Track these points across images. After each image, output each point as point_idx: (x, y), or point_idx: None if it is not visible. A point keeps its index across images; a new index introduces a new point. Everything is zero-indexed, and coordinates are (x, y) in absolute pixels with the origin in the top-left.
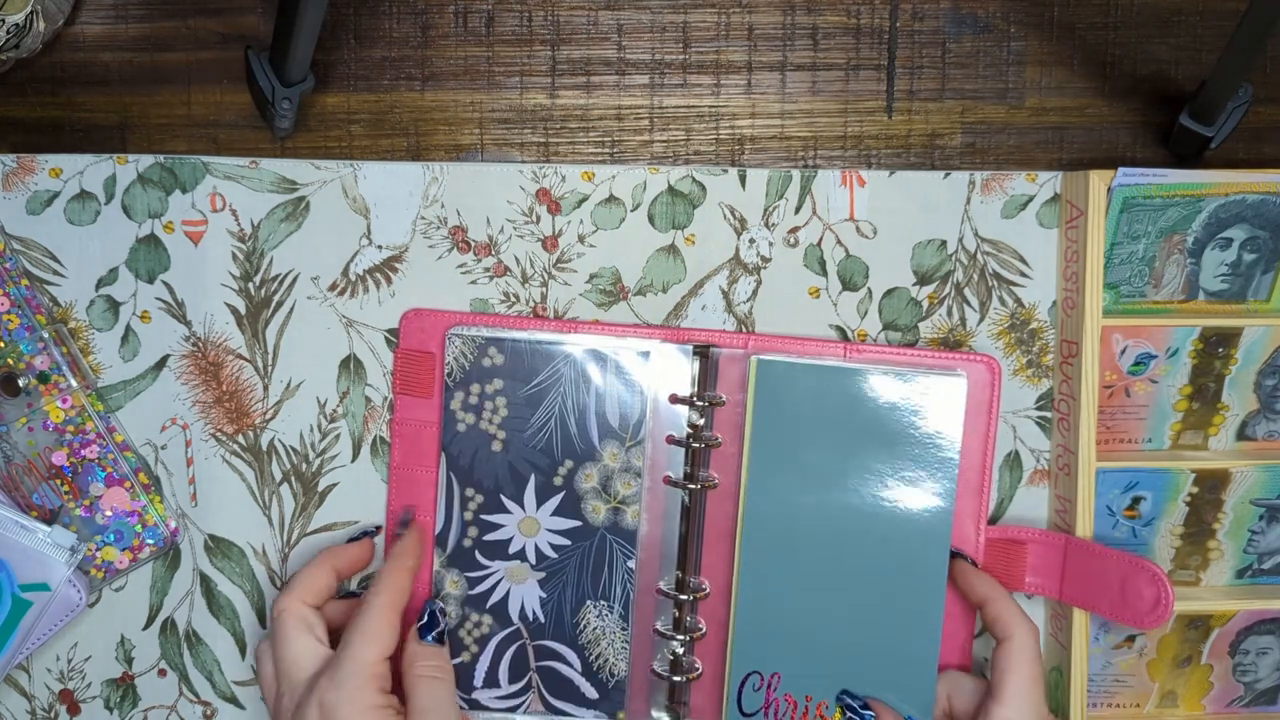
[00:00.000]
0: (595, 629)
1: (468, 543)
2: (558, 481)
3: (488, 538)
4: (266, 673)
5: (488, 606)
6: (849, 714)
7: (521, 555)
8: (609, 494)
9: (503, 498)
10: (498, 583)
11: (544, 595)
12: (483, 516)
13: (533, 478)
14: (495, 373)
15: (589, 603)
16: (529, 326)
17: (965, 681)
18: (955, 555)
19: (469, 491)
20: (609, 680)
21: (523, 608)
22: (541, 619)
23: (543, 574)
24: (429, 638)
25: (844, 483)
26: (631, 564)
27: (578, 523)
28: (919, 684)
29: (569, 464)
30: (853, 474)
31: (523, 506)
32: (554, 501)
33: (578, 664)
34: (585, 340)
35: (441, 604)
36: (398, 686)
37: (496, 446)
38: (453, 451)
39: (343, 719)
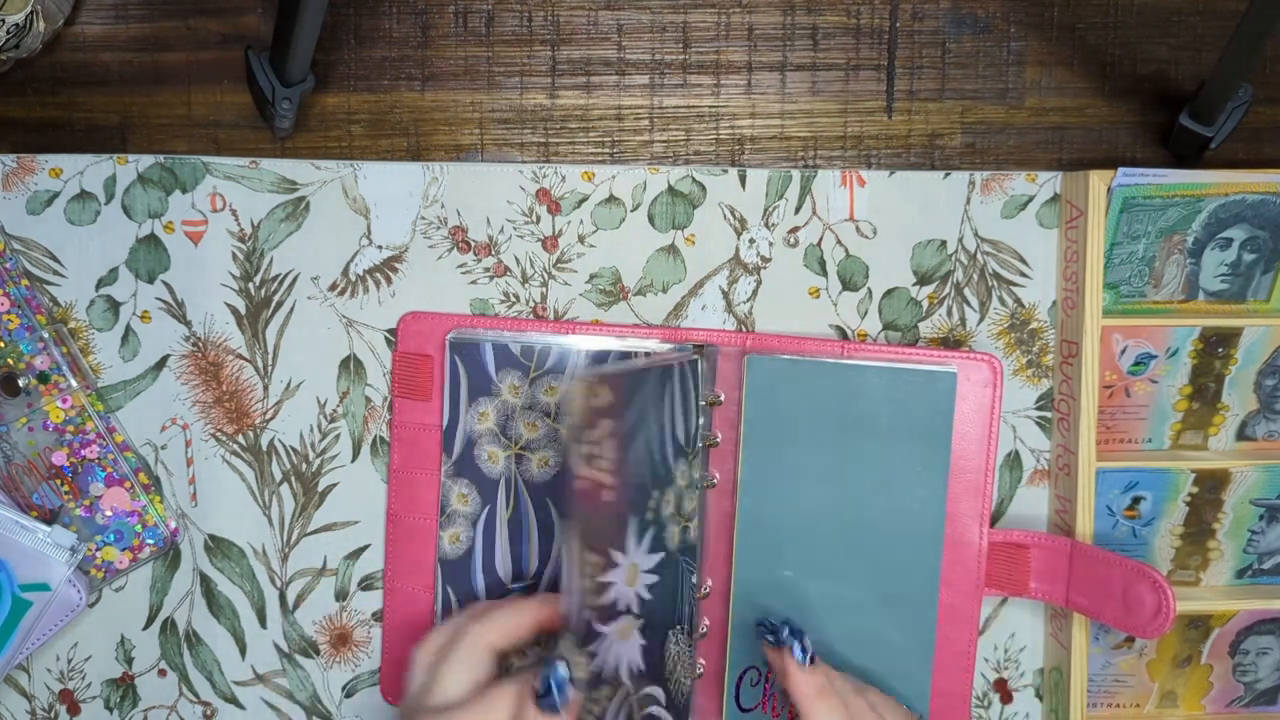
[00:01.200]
0: (673, 656)
1: (588, 613)
2: (649, 516)
3: (600, 601)
4: (416, 676)
5: (604, 678)
6: (768, 638)
7: (627, 609)
8: (681, 514)
9: (612, 551)
10: (609, 649)
11: (644, 643)
12: (599, 579)
13: (631, 520)
14: (605, 413)
15: (669, 633)
16: (528, 328)
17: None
18: (773, 642)
19: (590, 556)
20: (682, 701)
21: (629, 664)
22: (643, 668)
23: (642, 621)
24: (541, 705)
25: (838, 477)
26: (694, 579)
27: (662, 554)
28: (916, 674)
29: (656, 494)
30: (846, 468)
31: (625, 553)
32: (647, 539)
33: (663, 698)
34: (652, 348)
35: (566, 664)
36: None
37: (609, 496)
38: (575, 511)
39: None
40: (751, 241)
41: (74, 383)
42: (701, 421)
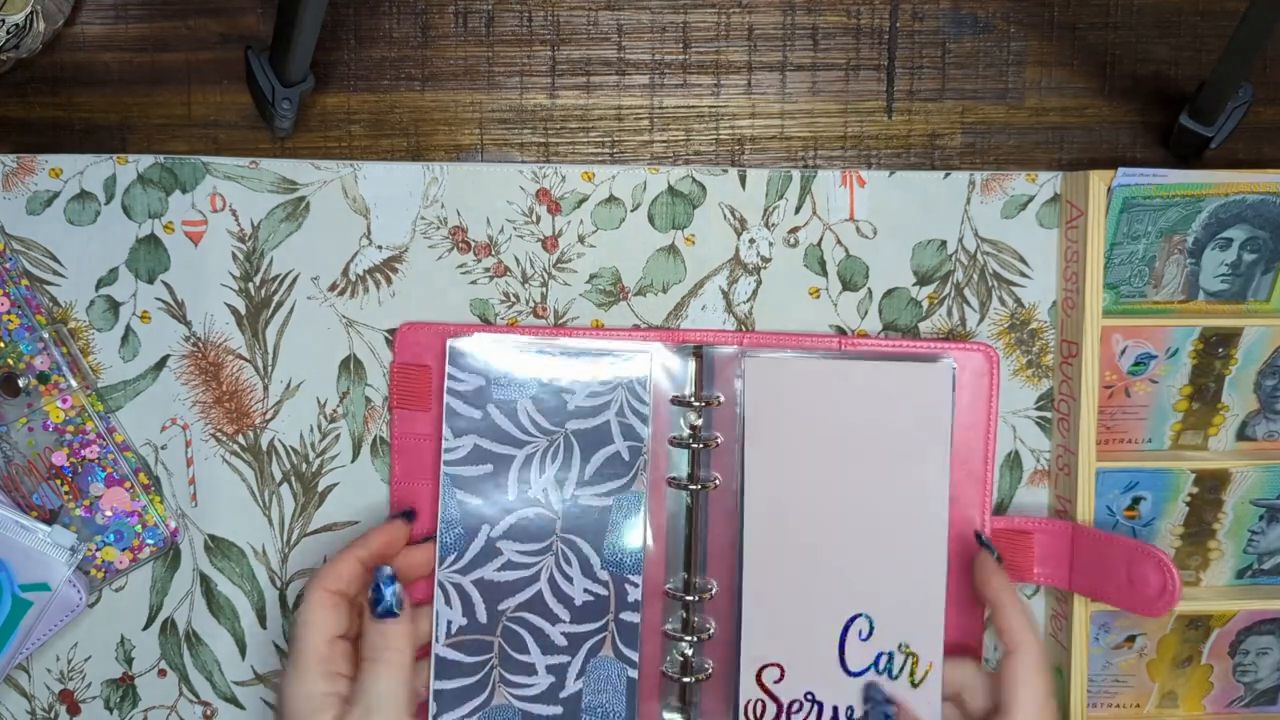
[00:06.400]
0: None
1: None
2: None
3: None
4: None
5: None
6: (869, 708)
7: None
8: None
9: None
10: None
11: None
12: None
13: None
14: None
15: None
16: (527, 334)
17: (977, 678)
18: (982, 544)
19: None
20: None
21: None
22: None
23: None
24: (376, 613)
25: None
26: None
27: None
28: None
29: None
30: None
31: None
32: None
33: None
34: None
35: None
36: None
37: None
38: None
39: (291, 711)
40: (751, 241)
41: (74, 383)
42: (700, 422)
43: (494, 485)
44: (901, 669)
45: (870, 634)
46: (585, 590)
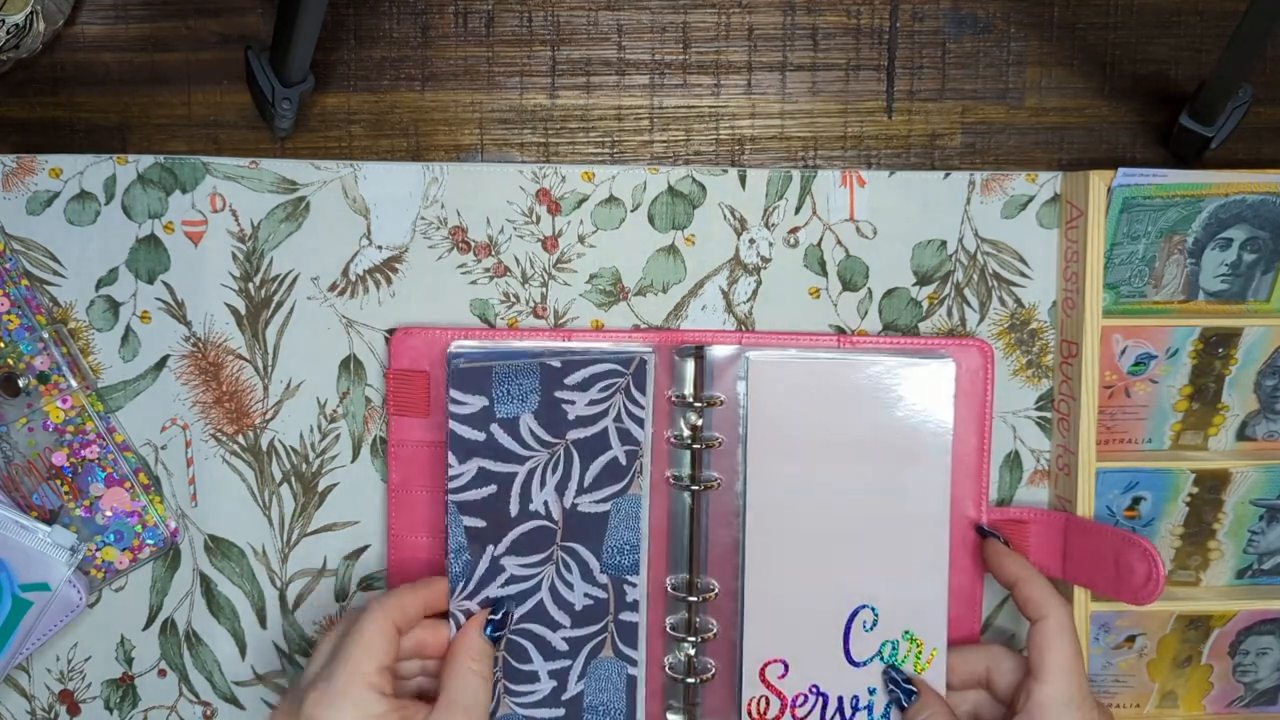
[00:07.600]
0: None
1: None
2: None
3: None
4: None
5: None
6: (892, 688)
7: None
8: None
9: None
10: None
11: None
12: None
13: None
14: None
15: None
16: (525, 337)
17: (1006, 658)
18: (987, 534)
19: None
20: None
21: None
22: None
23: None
24: (490, 633)
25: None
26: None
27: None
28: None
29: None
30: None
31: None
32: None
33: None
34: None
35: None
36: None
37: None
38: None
39: None
40: (751, 242)
41: (74, 383)
42: (701, 422)
43: (497, 505)
44: (906, 656)
45: (874, 624)
46: (585, 595)
